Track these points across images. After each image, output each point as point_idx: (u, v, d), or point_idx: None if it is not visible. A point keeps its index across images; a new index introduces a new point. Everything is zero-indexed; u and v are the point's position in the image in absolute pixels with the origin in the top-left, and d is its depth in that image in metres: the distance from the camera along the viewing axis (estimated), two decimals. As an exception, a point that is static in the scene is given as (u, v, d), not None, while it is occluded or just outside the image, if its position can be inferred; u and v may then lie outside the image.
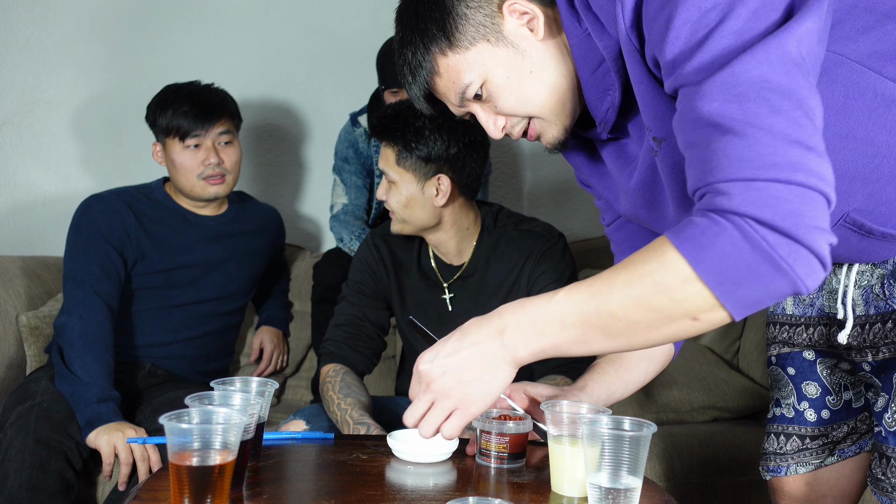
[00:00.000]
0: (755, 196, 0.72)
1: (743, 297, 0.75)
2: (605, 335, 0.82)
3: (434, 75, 1.00)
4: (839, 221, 0.92)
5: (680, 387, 2.12)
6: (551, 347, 0.86)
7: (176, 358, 1.96)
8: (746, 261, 0.73)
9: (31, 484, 1.53)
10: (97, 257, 1.81)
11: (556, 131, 1.01)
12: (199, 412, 0.89)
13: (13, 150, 2.50)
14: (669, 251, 0.77)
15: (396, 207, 1.60)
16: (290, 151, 2.73)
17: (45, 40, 2.51)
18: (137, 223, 1.89)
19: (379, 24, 2.57)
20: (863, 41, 0.84)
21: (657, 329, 0.80)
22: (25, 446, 1.57)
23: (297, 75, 2.68)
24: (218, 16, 2.62)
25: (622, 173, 1.04)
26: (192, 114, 1.86)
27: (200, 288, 1.97)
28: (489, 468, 1.09)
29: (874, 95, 0.84)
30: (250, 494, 0.95)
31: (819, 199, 0.72)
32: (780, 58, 0.73)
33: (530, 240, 1.64)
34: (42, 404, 1.66)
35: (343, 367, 1.60)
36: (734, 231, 0.73)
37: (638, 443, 0.88)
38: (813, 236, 0.71)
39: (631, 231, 1.16)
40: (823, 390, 1.16)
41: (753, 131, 0.73)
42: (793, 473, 1.20)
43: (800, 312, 1.16)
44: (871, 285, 1.02)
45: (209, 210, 2.00)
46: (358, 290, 1.71)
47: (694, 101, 0.77)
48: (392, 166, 1.57)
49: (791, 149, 0.72)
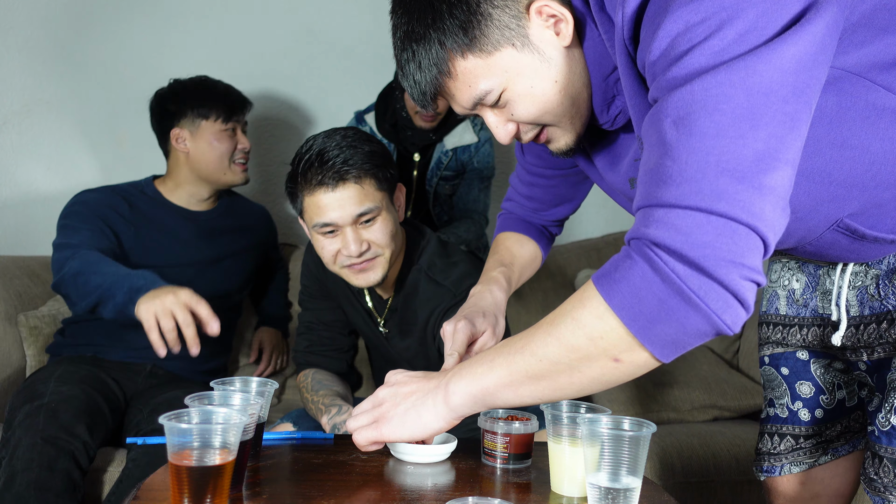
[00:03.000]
0: (672, 224, 0.69)
1: (660, 335, 0.72)
2: (530, 377, 0.82)
3: (447, 77, 0.91)
4: (832, 227, 0.90)
5: (680, 386, 2.12)
6: (481, 391, 0.87)
7: (175, 358, 1.96)
8: (657, 294, 0.70)
9: (38, 483, 1.53)
10: (89, 226, 1.80)
11: (569, 139, 0.97)
12: (199, 412, 0.89)
13: (13, 150, 2.50)
14: (588, 289, 0.76)
15: (387, 241, 1.43)
16: (289, 151, 2.73)
17: (45, 40, 2.51)
18: (131, 213, 1.91)
19: (379, 22, 2.57)
20: (858, 54, 0.81)
21: (579, 370, 0.78)
22: (33, 445, 1.57)
23: (297, 74, 2.68)
24: (218, 15, 2.62)
25: (612, 169, 1.03)
26: (227, 102, 1.98)
27: (196, 286, 1.96)
28: (493, 468, 1.09)
29: (866, 104, 0.82)
30: (250, 494, 0.95)
31: (743, 231, 0.68)
32: (744, 81, 0.68)
33: (438, 293, 1.50)
34: (50, 404, 1.66)
35: (313, 369, 1.61)
36: (644, 264, 0.70)
37: (637, 442, 0.88)
38: (724, 270, 0.68)
39: (551, 184, 1.23)
40: (817, 390, 1.16)
41: (688, 155, 0.69)
42: (787, 473, 1.19)
43: (793, 313, 1.15)
44: (865, 286, 1.01)
45: (201, 206, 2.02)
46: (309, 295, 1.69)
47: (655, 116, 0.74)
48: (374, 195, 1.40)
49: (720, 177, 0.68)
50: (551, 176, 1.23)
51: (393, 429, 0.95)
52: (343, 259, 1.42)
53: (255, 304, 2.33)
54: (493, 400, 0.87)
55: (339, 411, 1.39)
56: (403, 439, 0.95)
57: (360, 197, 1.38)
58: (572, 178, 1.24)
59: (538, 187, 1.26)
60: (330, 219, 1.38)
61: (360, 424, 0.98)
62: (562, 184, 1.24)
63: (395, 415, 0.95)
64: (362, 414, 0.99)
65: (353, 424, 0.99)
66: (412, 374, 0.99)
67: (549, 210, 1.29)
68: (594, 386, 0.80)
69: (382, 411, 0.97)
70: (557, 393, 0.82)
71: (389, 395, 0.98)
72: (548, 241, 1.33)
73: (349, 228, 1.39)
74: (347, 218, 1.38)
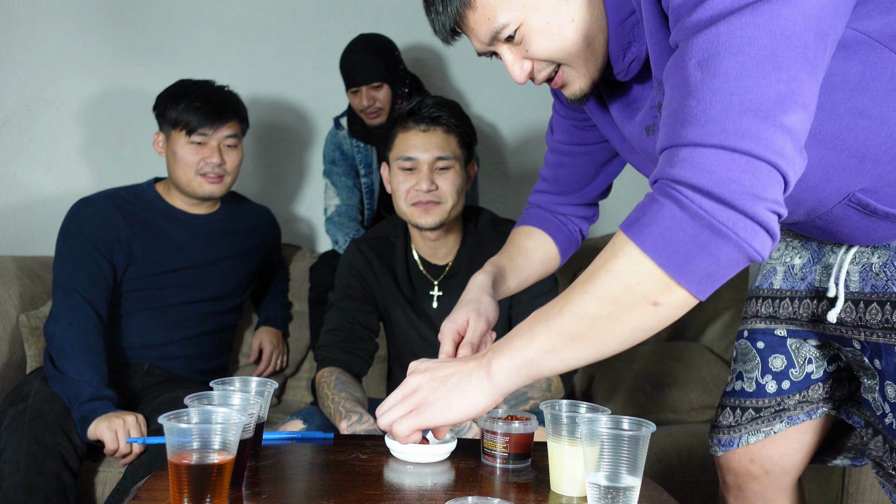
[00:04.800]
0: (696, 162, 0.71)
1: (695, 270, 0.74)
2: (572, 338, 0.81)
3: (467, 7, 0.93)
4: (844, 200, 0.90)
5: (679, 387, 2.13)
6: (525, 362, 0.86)
7: (173, 358, 1.96)
8: (688, 231, 0.72)
9: (27, 485, 1.53)
10: (85, 264, 1.82)
11: (584, 83, 0.97)
12: (199, 412, 0.89)
13: (13, 150, 2.50)
14: (619, 239, 0.77)
15: (452, 192, 1.63)
16: (289, 152, 2.73)
17: (45, 40, 2.51)
18: (127, 226, 1.89)
19: (380, 24, 2.58)
20: (884, 21, 0.81)
21: (620, 321, 0.78)
22: (20, 448, 1.57)
23: (297, 76, 2.68)
24: (218, 16, 2.62)
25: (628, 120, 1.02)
26: (203, 111, 1.88)
27: (195, 288, 1.97)
28: (493, 468, 1.09)
29: (892, 76, 0.82)
30: (250, 494, 0.95)
31: (765, 168, 0.71)
32: (768, 23, 0.71)
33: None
34: (35, 405, 1.67)
35: (337, 369, 1.62)
36: (671, 204, 0.73)
37: (637, 442, 0.88)
38: (750, 203, 0.71)
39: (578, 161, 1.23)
40: (789, 363, 1.19)
41: (712, 95, 0.72)
42: (744, 444, 1.22)
43: (788, 286, 1.16)
44: (870, 263, 1.02)
45: (202, 209, 2.01)
46: (346, 295, 1.72)
47: (679, 58, 0.76)
48: (455, 149, 1.63)
49: (744, 116, 0.71)
50: (578, 154, 1.24)
51: (437, 412, 0.91)
52: (413, 195, 1.62)
53: (256, 304, 2.33)
54: (537, 370, 0.86)
55: (360, 420, 1.40)
56: (450, 422, 0.92)
57: (443, 144, 1.62)
58: (600, 156, 1.23)
59: (565, 167, 1.26)
60: (413, 154, 1.62)
61: (396, 416, 0.94)
62: (590, 162, 1.24)
63: (437, 398, 0.92)
64: (395, 406, 0.95)
65: (389, 417, 0.94)
66: (442, 360, 0.97)
67: (575, 194, 1.27)
68: (636, 336, 0.80)
69: (421, 398, 0.93)
70: (601, 349, 0.82)
71: (425, 380, 0.94)
72: (567, 236, 1.29)
73: (426, 167, 1.61)
74: (428, 157, 1.61)
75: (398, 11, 2.63)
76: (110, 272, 1.86)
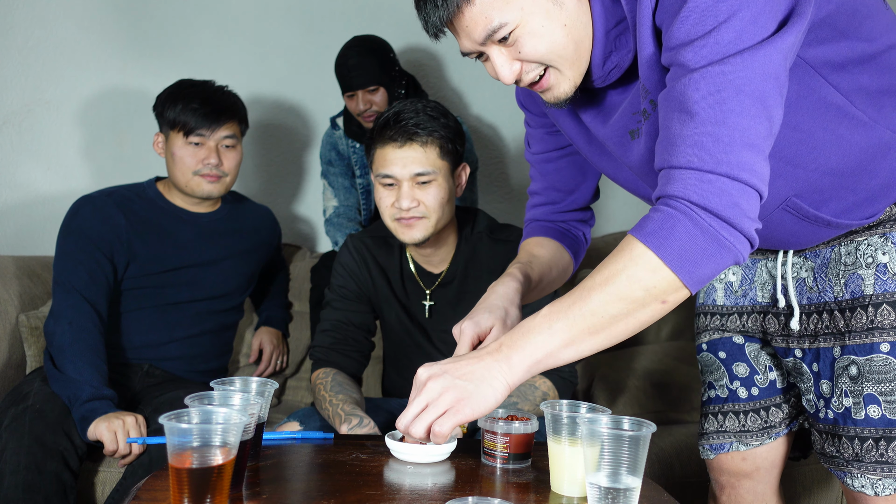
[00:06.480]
0: (706, 187, 0.86)
1: (700, 275, 0.88)
2: (591, 332, 0.92)
3: (466, 3, 0.94)
4: (781, 205, 1.03)
5: (679, 387, 2.13)
6: (544, 355, 0.93)
7: (173, 358, 1.96)
8: (699, 244, 0.87)
9: (27, 485, 1.53)
10: (86, 263, 1.82)
11: (569, 86, 1.01)
12: (199, 412, 0.89)
13: (13, 150, 2.50)
14: (637, 247, 0.89)
15: (436, 206, 1.56)
16: (289, 152, 2.73)
17: (45, 40, 2.51)
18: (128, 224, 1.89)
19: (380, 24, 2.58)
20: (819, 50, 0.94)
21: (633, 317, 0.91)
22: (21, 448, 1.57)
23: (297, 76, 2.68)
24: (218, 16, 2.62)
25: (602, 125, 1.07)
26: (201, 112, 1.87)
27: (195, 287, 1.97)
28: (493, 468, 1.09)
29: (818, 98, 0.96)
30: (250, 494, 0.95)
31: (754, 194, 0.87)
32: (763, 67, 0.84)
33: (505, 249, 1.63)
34: (35, 405, 1.67)
35: (333, 370, 1.61)
36: (686, 220, 0.87)
37: (637, 442, 0.88)
38: (745, 223, 0.87)
39: (559, 166, 1.28)
40: (751, 370, 1.28)
41: (719, 128, 0.85)
42: (734, 450, 1.30)
43: (731, 303, 1.27)
44: (802, 278, 1.15)
45: (203, 207, 2.00)
46: (341, 295, 1.71)
47: (682, 85, 0.87)
48: (435, 161, 1.55)
49: (745, 151, 0.85)
50: (558, 158, 1.28)
51: (474, 406, 0.93)
52: (395, 211, 1.57)
53: (256, 304, 2.33)
54: (553, 361, 0.94)
55: (361, 423, 1.39)
56: (482, 414, 0.94)
57: (421, 158, 1.54)
58: (579, 157, 1.26)
59: (549, 175, 1.30)
60: (391, 171, 1.54)
61: (431, 418, 0.95)
62: (571, 164, 1.28)
63: (469, 394, 0.93)
64: (424, 412, 0.95)
65: (423, 423, 0.95)
66: (450, 360, 0.98)
67: (567, 199, 1.31)
68: (642, 327, 0.93)
69: (454, 397, 0.94)
70: (612, 340, 0.93)
71: (449, 382, 0.94)
72: (572, 242, 1.32)
73: (406, 183, 1.54)
74: (406, 174, 1.54)
75: (398, 11, 2.62)
76: (111, 270, 1.86)
